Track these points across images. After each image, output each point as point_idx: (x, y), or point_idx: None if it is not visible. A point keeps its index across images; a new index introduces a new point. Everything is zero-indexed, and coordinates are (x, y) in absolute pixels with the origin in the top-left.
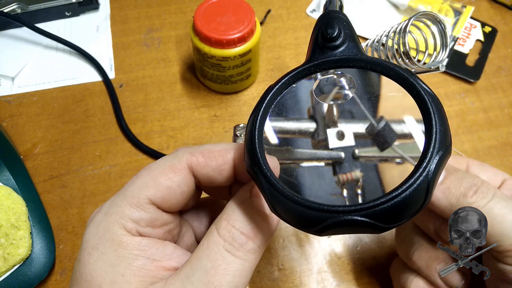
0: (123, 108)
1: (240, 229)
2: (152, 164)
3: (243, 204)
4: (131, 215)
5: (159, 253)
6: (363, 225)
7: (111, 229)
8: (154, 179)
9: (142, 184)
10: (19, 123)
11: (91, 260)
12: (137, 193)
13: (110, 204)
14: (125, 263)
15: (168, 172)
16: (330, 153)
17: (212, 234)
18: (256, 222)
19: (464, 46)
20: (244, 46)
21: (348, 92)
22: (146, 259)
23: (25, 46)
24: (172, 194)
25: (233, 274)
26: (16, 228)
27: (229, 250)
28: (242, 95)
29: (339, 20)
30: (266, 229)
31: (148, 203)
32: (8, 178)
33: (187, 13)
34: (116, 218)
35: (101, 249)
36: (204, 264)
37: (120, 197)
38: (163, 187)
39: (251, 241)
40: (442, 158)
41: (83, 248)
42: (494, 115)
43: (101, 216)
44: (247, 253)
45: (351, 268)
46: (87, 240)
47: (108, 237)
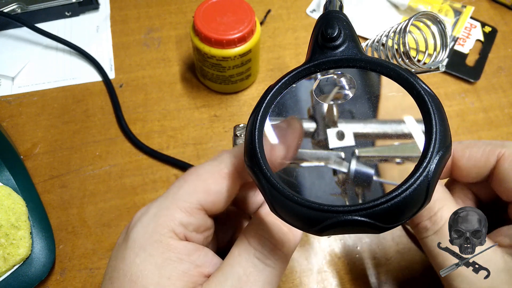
0: (123, 108)
1: (269, 238)
2: (199, 168)
3: (270, 214)
4: (181, 219)
5: (201, 259)
6: (363, 225)
7: (160, 231)
8: (204, 184)
9: (192, 188)
10: (19, 123)
11: (138, 260)
12: (188, 198)
13: (159, 206)
14: (172, 266)
15: (217, 177)
16: (330, 153)
17: (242, 243)
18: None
19: (464, 46)
20: (244, 46)
21: (348, 92)
22: (190, 264)
23: (25, 46)
24: (221, 199)
25: (264, 281)
26: (16, 228)
27: (260, 258)
28: (242, 95)
29: (339, 20)
30: (292, 239)
31: (198, 208)
32: (8, 178)
33: (187, 13)
34: (165, 220)
35: (149, 250)
36: (236, 271)
37: (169, 200)
38: (213, 192)
39: (280, 249)
40: (442, 158)
41: (129, 247)
42: (494, 115)
43: (149, 217)
44: (276, 261)
45: (351, 268)
46: (134, 240)
47: (157, 239)
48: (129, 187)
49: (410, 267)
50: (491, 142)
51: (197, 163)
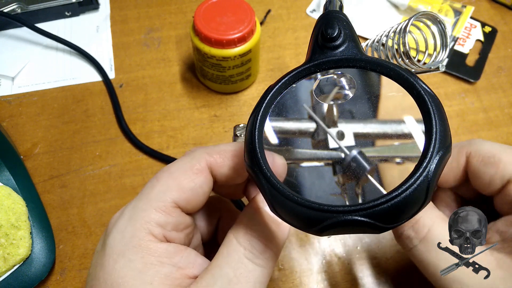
0: (123, 108)
1: (258, 237)
2: (171, 166)
3: (258, 212)
4: (158, 220)
5: (183, 261)
6: (363, 225)
7: (137, 235)
8: (177, 182)
9: (165, 187)
10: (19, 123)
11: (117, 267)
12: (162, 197)
13: (134, 209)
14: (153, 270)
15: (190, 173)
16: (330, 153)
17: (231, 242)
18: (271, 230)
19: (464, 46)
20: (244, 46)
21: (348, 92)
22: (172, 267)
23: (25, 46)
24: (196, 196)
25: (255, 281)
26: (16, 228)
27: (250, 258)
28: (242, 95)
29: (339, 20)
30: (280, 236)
31: (173, 207)
32: (8, 178)
33: (187, 13)
34: (142, 223)
35: (128, 256)
36: (226, 272)
37: (143, 201)
38: (187, 189)
39: (269, 248)
40: (442, 158)
41: (107, 254)
42: (494, 115)
43: (125, 221)
44: (267, 261)
45: (351, 268)
46: (112, 246)
47: (135, 243)
48: (129, 187)
49: (410, 266)
50: (457, 144)
51: None
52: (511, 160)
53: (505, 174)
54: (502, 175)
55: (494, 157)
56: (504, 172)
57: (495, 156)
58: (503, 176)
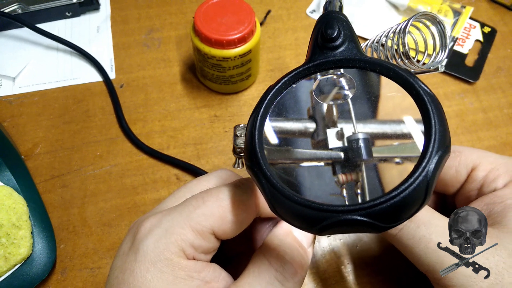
0: (124, 108)
1: (291, 260)
2: (220, 192)
3: (288, 236)
4: (193, 242)
5: (210, 275)
6: (362, 225)
7: (170, 249)
8: (222, 212)
9: (209, 212)
10: (20, 123)
11: (149, 276)
12: (203, 221)
13: (172, 221)
14: (183, 283)
15: (237, 208)
16: (329, 153)
17: (262, 262)
18: (300, 254)
19: (464, 47)
20: (244, 47)
21: (348, 92)
22: (200, 281)
23: (26, 46)
24: (234, 229)
25: None
26: (17, 227)
27: (280, 280)
28: (242, 95)
29: (339, 20)
30: (307, 261)
31: (211, 233)
32: (9, 178)
33: (187, 13)
34: (177, 239)
35: (159, 267)
36: None
37: (183, 217)
38: (229, 221)
39: (299, 272)
40: (441, 158)
41: (139, 260)
42: (493, 115)
43: (161, 232)
44: (296, 284)
45: (351, 268)
46: (145, 253)
47: (167, 256)
48: (129, 187)
49: (410, 266)
50: None
51: (198, 163)
52: (471, 151)
53: (468, 162)
54: (466, 164)
55: (455, 151)
56: (467, 160)
57: (455, 150)
58: (467, 165)
